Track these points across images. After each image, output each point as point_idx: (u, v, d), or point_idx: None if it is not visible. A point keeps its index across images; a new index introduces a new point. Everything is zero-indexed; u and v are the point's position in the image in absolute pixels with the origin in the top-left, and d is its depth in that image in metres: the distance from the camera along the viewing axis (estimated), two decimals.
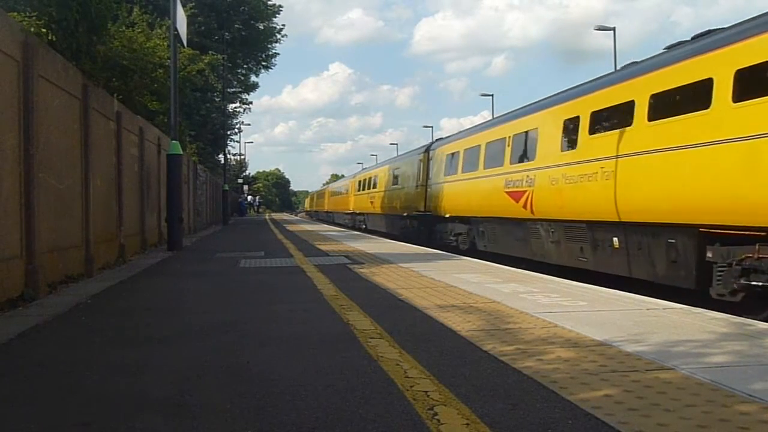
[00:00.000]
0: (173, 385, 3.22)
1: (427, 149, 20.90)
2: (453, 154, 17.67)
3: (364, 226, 32.96)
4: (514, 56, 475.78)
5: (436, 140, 21.30)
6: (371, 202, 30.89)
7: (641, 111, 9.03)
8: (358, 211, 35.46)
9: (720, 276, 7.64)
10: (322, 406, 2.82)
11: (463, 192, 16.31)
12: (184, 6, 15.98)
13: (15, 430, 2.63)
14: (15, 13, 8.87)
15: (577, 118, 10.75)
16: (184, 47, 16.19)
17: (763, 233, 7.02)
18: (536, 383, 3.11)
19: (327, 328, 4.60)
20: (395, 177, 25.52)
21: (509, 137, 13.64)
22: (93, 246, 8.49)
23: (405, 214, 22.76)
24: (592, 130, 10.32)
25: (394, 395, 2.96)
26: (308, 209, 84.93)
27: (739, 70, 7.29)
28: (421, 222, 20.80)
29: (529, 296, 6.02)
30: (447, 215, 17.54)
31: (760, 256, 7.04)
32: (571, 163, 10.72)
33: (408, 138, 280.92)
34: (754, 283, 7.17)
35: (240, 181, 60.34)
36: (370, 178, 32.60)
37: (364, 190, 33.94)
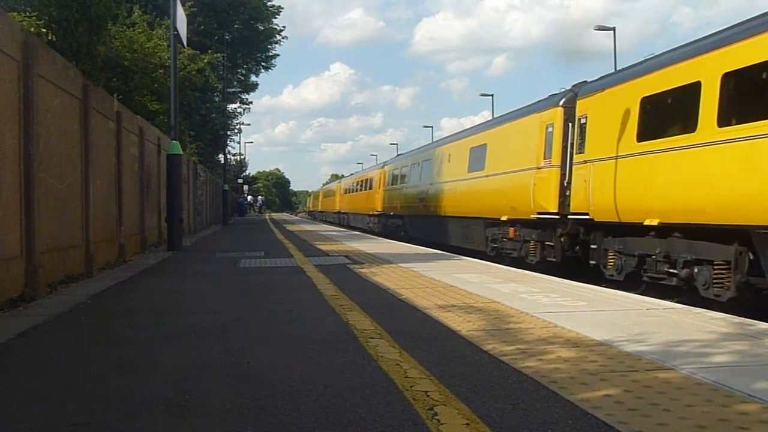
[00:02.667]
0: (173, 385, 3.22)
1: (568, 99, 11.80)
2: (669, 93, 8.94)
3: (403, 233, 23.71)
4: (514, 56, 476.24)
5: (582, 83, 11.84)
6: (420, 200, 21.11)
7: None
8: (393, 212, 25.81)
9: None
10: (322, 406, 2.82)
11: (718, 172, 7.62)
12: (183, 5, 15.98)
13: (15, 430, 2.63)
14: (15, 13, 8.88)
15: None
16: (184, 47, 16.21)
17: None
18: (536, 383, 3.11)
19: (327, 328, 4.60)
20: (476, 158, 15.99)
21: None
22: (93, 246, 8.49)
23: (504, 219, 13.81)
24: None
25: (394, 395, 2.95)
26: (311, 209, 76.39)
27: None
28: (546, 231, 12.24)
29: (530, 296, 6.02)
30: (652, 222, 8.84)
31: None
32: None
33: (408, 138, 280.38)
34: None
35: (240, 181, 60.34)
36: (418, 164, 22.33)
37: (405, 182, 24.03)
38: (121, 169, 10.58)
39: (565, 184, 11.47)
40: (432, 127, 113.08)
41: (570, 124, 11.52)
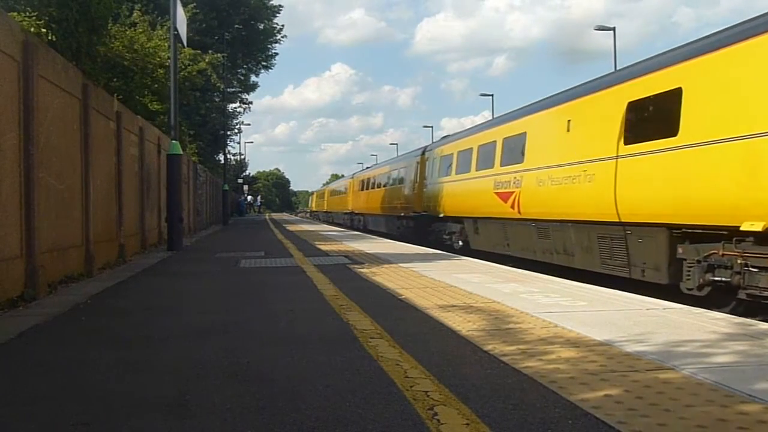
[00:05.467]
0: (173, 385, 3.22)
1: None
2: None
3: (460, 243, 16.75)
4: (515, 56, 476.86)
5: None
6: (500, 196, 13.54)
7: None
8: (443, 214, 17.81)
9: None
10: (322, 406, 2.82)
11: None
12: (185, 6, 15.99)
13: (15, 430, 2.63)
14: (15, 13, 8.88)
15: None
16: (184, 47, 16.20)
17: None
18: (536, 383, 3.10)
19: (327, 328, 4.60)
20: (646, 119, 9.47)
21: None
22: (93, 246, 8.49)
23: (757, 227, 6.98)
24: None
25: (394, 395, 2.95)
26: (315, 210, 69.54)
27: None
28: None
29: (530, 296, 6.02)
30: None
31: None
32: None
33: (409, 138, 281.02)
34: None
35: (240, 181, 60.34)
36: (493, 143, 14.48)
37: (467, 171, 16.00)
38: (121, 169, 10.58)
39: None
40: (432, 127, 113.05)
41: None
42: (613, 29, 28.66)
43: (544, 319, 4.77)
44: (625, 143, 9.40)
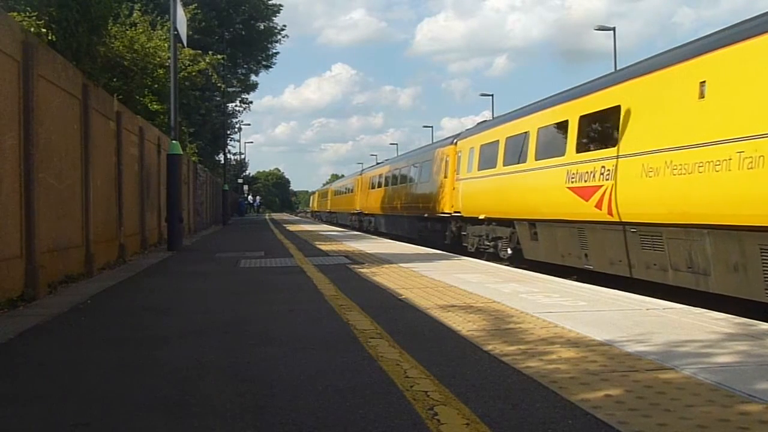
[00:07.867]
0: (173, 385, 3.22)
1: None
2: None
3: (508, 251, 13.62)
4: (515, 56, 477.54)
5: None
6: (606, 199, 9.54)
7: None
8: (485, 215, 14.75)
9: None
10: (322, 406, 2.81)
11: None
12: (185, 6, 15.98)
13: (15, 430, 2.63)
14: (15, 13, 8.87)
15: None
16: (184, 47, 16.19)
17: None
18: (537, 383, 3.10)
19: (327, 328, 4.60)
20: None
21: None
22: (93, 246, 8.48)
23: None
24: None
25: (394, 395, 2.95)
26: (316, 210, 66.84)
27: None
28: None
29: (530, 296, 6.02)
30: None
31: None
32: None
33: (409, 138, 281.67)
34: None
35: (240, 181, 60.33)
36: (586, 117, 10.51)
37: (522, 160, 12.66)
38: (121, 169, 10.58)
39: None
40: (432, 127, 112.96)
41: None
42: (613, 29, 28.70)
43: (545, 320, 4.77)
44: None
